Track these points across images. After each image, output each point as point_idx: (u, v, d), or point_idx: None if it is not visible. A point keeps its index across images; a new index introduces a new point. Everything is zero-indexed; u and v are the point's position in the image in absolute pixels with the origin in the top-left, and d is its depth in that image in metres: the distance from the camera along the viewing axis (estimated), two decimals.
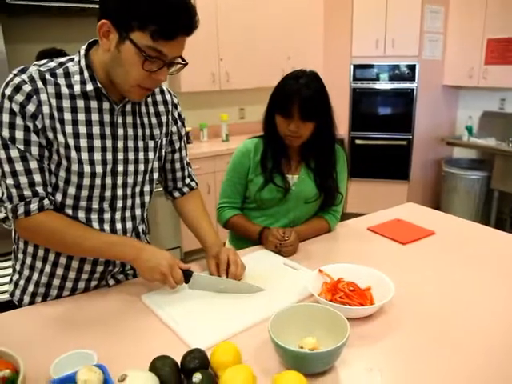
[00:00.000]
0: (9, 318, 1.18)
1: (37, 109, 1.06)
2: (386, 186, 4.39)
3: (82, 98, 1.11)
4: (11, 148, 1.06)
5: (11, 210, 1.10)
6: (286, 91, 1.49)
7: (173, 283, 1.18)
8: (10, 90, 1.04)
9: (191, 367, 0.89)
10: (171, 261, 1.18)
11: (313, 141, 1.58)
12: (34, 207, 1.10)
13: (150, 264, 1.16)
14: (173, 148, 1.38)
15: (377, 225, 1.77)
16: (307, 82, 1.48)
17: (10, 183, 1.08)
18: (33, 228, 1.13)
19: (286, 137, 1.55)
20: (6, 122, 1.05)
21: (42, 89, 1.07)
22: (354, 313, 1.11)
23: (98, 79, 1.11)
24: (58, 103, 1.09)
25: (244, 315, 1.14)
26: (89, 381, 0.82)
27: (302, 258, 1.48)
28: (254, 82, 3.94)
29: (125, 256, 1.20)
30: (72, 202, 1.17)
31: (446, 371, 0.94)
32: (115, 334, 1.09)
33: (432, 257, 1.52)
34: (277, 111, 1.53)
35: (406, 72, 4.13)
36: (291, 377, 0.84)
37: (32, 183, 1.09)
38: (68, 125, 1.10)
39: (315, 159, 1.65)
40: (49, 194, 1.13)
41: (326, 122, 1.57)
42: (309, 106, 1.46)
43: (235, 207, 1.71)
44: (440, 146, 4.54)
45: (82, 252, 1.20)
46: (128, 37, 1.01)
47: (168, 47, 1.03)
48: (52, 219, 1.13)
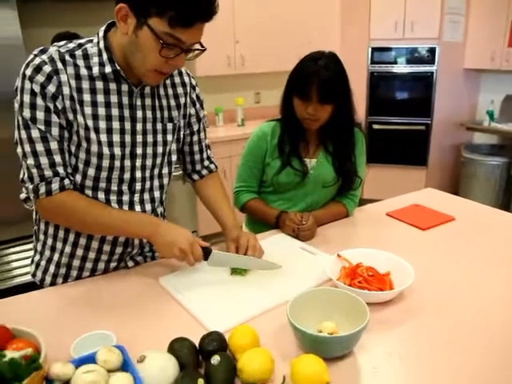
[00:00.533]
0: (30, 299, 1.19)
1: (57, 90, 1.06)
2: (404, 171, 4.33)
3: (100, 79, 1.11)
4: (32, 128, 1.07)
5: (32, 189, 1.11)
6: (304, 73, 1.46)
7: (192, 260, 1.17)
8: (30, 71, 1.04)
9: (209, 349, 0.89)
10: (190, 238, 1.18)
11: (331, 124, 1.56)
12: (55, 187, 1.10)
13: (168, 240, 1.16)
14: (191, 130, 1.37)
15: (395, 210, 1.75)
16: (326, 63, 1.45)
17: (31, 163, 1.09)
18: (54, 208, 1.14)
19: (304, 120, 1.52)
20: (26, 103, 1.05)
21: (61, 70, 1.06)
22: (373, 298, 1.09)
23: (116, 61, 1.10)
24: (78, 84, 1.09)
25: (262, 299, 1.14)
26: (108, 361, 0.82)
27: (320, 243, 1.47)
28: (270, 65, 3.89)
29: (143, 232, 1.19)
30: (91, 184, 1.17)
31: (466, 358, 0.93)
32: (133, 315, 1.09)
33: (452, 243, 1.49)
34: (294, 94, 1.50)
35: (426, 55, 4.03)
36: (310, 360, 0.84)
37: (53, 164, 1.10)
38: (87, 106, 1.10)
39: (334, 142, 1.62)
40: (69, 174, 1.13)
41: (345, 104, 1.54)
42: (327, 88, 1.43)
43: (252, 191, 1.70)
44: (459, 131, 4.45)
45: (101, 230, 1.21)
46: (146, 22, 0.99)
47: (186, 34, 1.01)
48: (73, 199, 1.14)
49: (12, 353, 0.76)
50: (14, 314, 1.09)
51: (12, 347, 0.81)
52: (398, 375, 0.89)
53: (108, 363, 0.82)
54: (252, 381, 0.83)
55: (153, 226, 1.18)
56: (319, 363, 0.83)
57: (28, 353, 0.77)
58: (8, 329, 0.86)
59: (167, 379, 0.81)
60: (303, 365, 0.83)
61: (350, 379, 0.88)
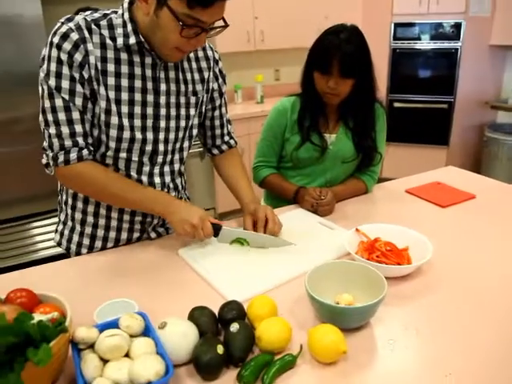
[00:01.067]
0: (56, 268, 1.23)
1: (83, 58, 1.07)
2: (424, 151, 4.26)
3: (124, 51, 1.11)
4: (56, 97, 1.08)
5: (52, 157, 1.13)
6: (325, 46, 1.44)
7: (201, 235, 1.20)
8: (57, 39, 1.05)
9: (228, 317, 0.91)
10: (202, 214, 1.20)
11: (352, 99, 1.54)
12: (74, 157, 1.13)
13: (181, 216, 1.18)
14: (213, 105, 1.37)
15: (415, 187, 1.73)
16: (348, 36, 1.42)
17: (53, 132, 1.11)
18: (71, 176, 1.17)
19: (325, 94, 1.50)
20: (53, 71, 1.07)
21: (88, 38, 1.07)
22: (390, 272, 1.10)
23: (140, 33, 1.10)
24: (103, 54, 1.09)
25: (280, 271, 1.15)
26: (131, 326, 0.85)
27: (338, 218, 1.47)
28: (290, 41, 3.83)
29: (157, 208, 1.22)
30: (112, 154, 1.19)
31: (482, 334, 0.93)
32: (155, 285, 1.12)
33: (472, 220, 1.48)
34: (315, 67, 1.48)
35: (451, 31, 3.91)
36: (328, 330, 0.85)
37: (73, 133, 1.11)
38: (111, 76, 1.11)
39: (354, 118, 1.60)
40: (89, 144, 1.15)
41: (367, 79, 1.51)
42: (349, 61, 1.41)
43: (271, 166, 1.70)
44: (483, 110, 4.34)
45: (116, 202, 1.24)
46: (166, 3, 0.99)
47: (206, 14, 1.01)
48: (90, 169, 1.16)
49: (40, 316, 0.79)
50: (39, 283, 1.12)
51: (39, 311, 0.84)
52: (413, 348, 0.89)
53: (130, 328, 0.84)
54: (270, 349, 0.85)
55: (168, 204, 1.20)
56: (336, 333, 0.84)
57: (55, 316, 0.80)
58: (35, 294, 0.89)
59: (187, 345, 0.84)
60: (320, 334, 0.84)
61: (366, 350, 0.89)
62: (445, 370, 0.83)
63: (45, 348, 0.72)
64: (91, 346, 0.82)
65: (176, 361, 0.83)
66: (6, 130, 2.69)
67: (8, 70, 2.60)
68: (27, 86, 2.62)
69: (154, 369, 0.74)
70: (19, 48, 2.61)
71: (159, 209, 1.21)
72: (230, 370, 0.83)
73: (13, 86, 2.63)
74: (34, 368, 0.70)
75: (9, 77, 2.61)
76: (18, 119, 2.69)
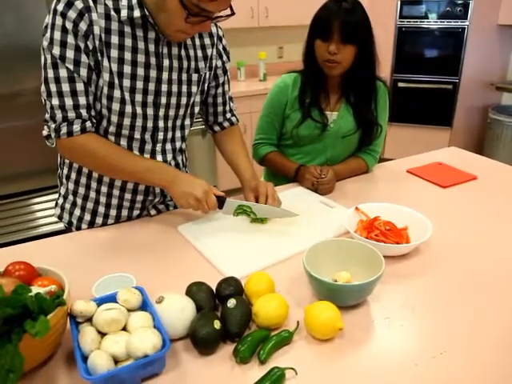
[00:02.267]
0: (56, 242, 1.24)
1: (88, 28, 1.04)
2: (427, 131, 4.22)
3: (128, 24, 1.09)
4: (60, 67, 1.05)
5: (54, 129, 1.11)
6: (326, 13, 1.43)
7: (206, 208, 1.18)
8: (62, 6, 1.02)
9: (226, 294, 0.92)
10: (206, 187, 1.18)
11: (353, 74, 1.52)
12: (77, 128, 1.11)
13: (184, 189, 1.16)
14: (216, 82, 1.35)
15: (417, 167, 1.72)
16: (350, 5, 1.41)
17: (56, 104, 1.08)
18: (74, 148, 1.15)
19: (325, 63, 1.47)
20: (57, 40, 1.04)
21: (92, 7, 1.04)
22: (389, 250, 1.10)
23: (145, 6, 1.07)
24: (107, 25, 1.07)
25: (278, 248, 1.16)
26: (128, 300, 0.85)
27: (338, 197, 1.47)
28: (294, 18, 3.75)
29: (161, 181, 1.20)
30: (115, 130, 1.18)
31: (479, 312, 0.94)
32: (153, 261, 1.12)
33: (472, 201, 1.47)
34: (316, 35, 1.47)
35: (458, 9, 3.82)
36: (324, 307, 0.85)
37: (77, 105, 1.09)
38: (114, 49, 1.08)
39: (355, 93, 1.58)
40: (92, 116, 1.13)
41: (367, 50, 1.49)
42: (350, 26, 1.40)
43: (271, 143, 1.69)
44: (488, 92, 4.27)
45: (119, 175, 1.22)
46: None
47: (213, 5, 0.99)
48: (93, 141, 1.14)
49: (38, 289, 0.79)
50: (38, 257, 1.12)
51: (37, 284, 0.84)
52: (409, 326, 0.90)
53: (128, 303, 0.85)
54: (266, 325, 0.86)
55: (171, 176, 1.18)
56: (333, 309, 0.85)
57: (52, 289, 0.80)
58: (34, 267, 0.89)
59: (185, 320, 0.84)
60: (317, 311, 0.85)
61: (363, 327, 0.89)
62: (440, 348, 0.83)
63: (42, 320, 0.72)
64: (89, 319, 0.83)
65: (173, 335, 0.83)
66: (6, 103, 2.66)
67: (8, 42, 2.56)
68: (27, 59, 2.58)
69: (150, 342, 0.74)
70: (19, 20, 2.56)
71: (161, 180, 1.19)
72: (227, 345, 0.84)
73: (12, 59, 2.59)
74: (32, 340, 0.70)
75: (8, 50, 2.57)
76: (18, 93, 2.66)
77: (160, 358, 0.76)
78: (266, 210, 1.27)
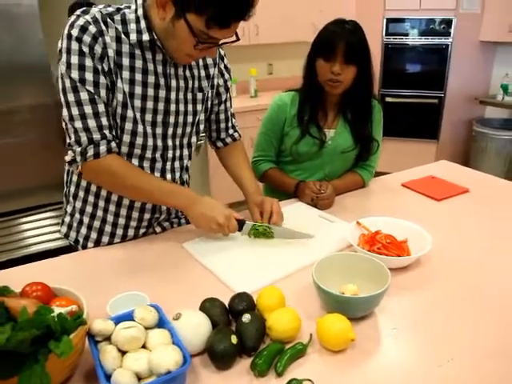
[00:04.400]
0: (64, 261, 1.25)
1: (103, 51, 1.07)
2: (415, 145, 4.32)
3: (137, 46, 1.12)
4: (81, 91, 1.08)
5: (80, 152, 1.12)
6: (330, 34, 1.49)
7: (227, 232, 1.23)
8: (76, 31, 1.05)
9: (239, 309, 0.94)
10: (227, 212, 1.22)
11: (352, 91, 1.57)
12: (103, 150, 1.13)
13: (206, 214, 1.20)
14: (219, 100, 1.40)
15: (411, 181, 1.77)
16: (352, 27, 1.48)
17: (79, 127, 1.10)
18: (99, 170, 1.16)
19: (327, 82, 1.52)
20: (75, 64, 1.06)
21: (105, 31, 1.07)
22: (392, 263, 1.13)
23: (153, 30, 1.11)
24: (118, 47, 1.10)
25: (284, 263, 1.19)
26: (145, 318, 0.87)
27: (338, 212, 1.51)
28: (284, 36, 3.85)
29: (181, 203, 1.23)
30: (127, 150, 1.20)
31: (480, 320, 0.98)
32: (163, 278, 1.14)
33: (466, 213, 1.52)
34: (319, 55, 1.51)
35: (442, 27, 3.96)
36: (336, 319, 0.88)
37: (100, 126, 1.11)
38: (126, 70, 1.12)
39: (352, 110, 1.64)
40: (114, 137, 1.16)
41: (367, 69, 1.55)
42: (353, 48, 1.46)
43: (270, 160, 1.73)
44: (472, 105, 4.40)
45: (140, 196, 1.24)
46: (184, 16, 1.00)
47: (221, 33, 1.04)
48: (118, 162, 1.17)
49: (58, 309, 0.81)
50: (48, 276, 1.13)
51: (55, 304, 0.86)
52: (416, 336, 0.93)
53: (145, 321, 0.87)
54: (281, 338, 0.88)
55: (191, 199, 1.22)
56: (345, 321, 0.88)
57: (73, 309, 0.82)
58: (50, 288, 0.91)
59: (201, 336, 0.86)
60: (329, 323, 0.88)
61: (372, 338, 0.92)
62: (447, 356, 0.87)
63: (66, 340, 0.74)
64: (107, 338, 0.84)
65: (191, 351, 0.85)
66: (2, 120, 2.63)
67: (3, 60, 2.57)
68: (23, 76, 2.60)
69: (172, 358, 0.76)
70: (15, 38, 2.57)
71: (181, 202, 1.23)
72: (243, 360, 0.86)
73: (8, 76, 2.59)
74: (56, 360, 0.72)
75: (4, 67, 2.58)
76: (14, 110, 2.65)
77: (182, 374, 0.78)
78: (284, 232, 1.31)
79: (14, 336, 0.67)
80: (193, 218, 1.23)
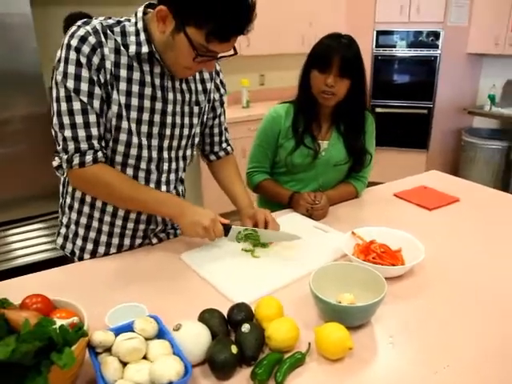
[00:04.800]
0: (61, 273, 1.25)
1: (100, 62, 1.09)
2: (405, 154, 4.38)
3: (135, 58, 1.14)
4: (74, 100, 1.09)
5: (66, 160, 1.14)
6: (326, 47, 1.52)
7: (213, 236, 1.24)
8: (76, 41, 1.07)
9: (238, 319, 0.95)
10: (213, 216, 1.23)
11: (345, 103, 1.60)
12: (89, 159, 1.14)
13: (193, 219, 1.21)
14: (214, 114, 1.42)
15: (403, 191, 1.80)
16: (348, 41, 1.52)
17: (68, 135, 1.12)
18: (85, 178, 1.18)
19: (321, 94, 1.55)
20: (71, 73, 1.08)
21: (104, 43, 1.09)
22: (387, 272, 1.15)
23: (153, 43, 1.13)
24: (117, 59, 1.12)
25: (282, 273, 1.20)
26: (145, 329, 0.87)
27: (332, 222, 1.53)
28: (275, 48, 3.89)
29: (170, 212, 1.25)
30: (121, 160, 1.22)
31: (474, 327, 1.00)
32: (160, 289, 1.15)
33: (458, 222, 1.55)
34: (314, 67, 1.54)
35: (430, 39, 4.05)
36: (334, 328, 0.90)
37: (89, 136, 1.13)
38: (123, 82, 1.14)
39: (345, 123, 1.67)
40: (103, 147, 1.17)
41: (360, 82, 1.58)
42: (348, 61, 1.49)
43: (265, 171, 1.75)
44: (461, 116, 4.48)
45: (129, 204, 1.26)
46: (184, 30, 1.03)
47: (221, 47, 1.06)
48: (104, 171, 1.18)
49: (59, 321, 0.81)
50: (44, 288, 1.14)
51: (56, 316, 0.86)
52: (412, 343, 0.95)
53: (145, 331, 0.87)
54: (280, 347, 0.89)
55: (180, 207, 1.23)
56: (343, 330, 0.89)
57: (75, 321, 0.82)
58: (50, 300, 0.91)
59: (202, 346, 0.87)
60: (328, 332, 0.89)
61: (369, 346, 0.94)
62: (442, 363, 0.89)
63: (68, 352, 0.74)
64: (107, 349, 0.85)
65: (191, 361, 0.85)
66: None
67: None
68: (16, 86, 2.60)
69: (174, 369, 0.77)
70: (8, 47, 2.57)
71: (170, 211, 1.24)
72: (243, 369, 0.87)
73: (1, 86, 2.60)
74: (58, 371, 0.72)
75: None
76: (5, 120, 2.64)
77: None
78: (270, 235, 1.33)
79: (18, 348, 0.67)
80: (182, 226, 1.24)
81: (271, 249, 1.33)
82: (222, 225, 1.26)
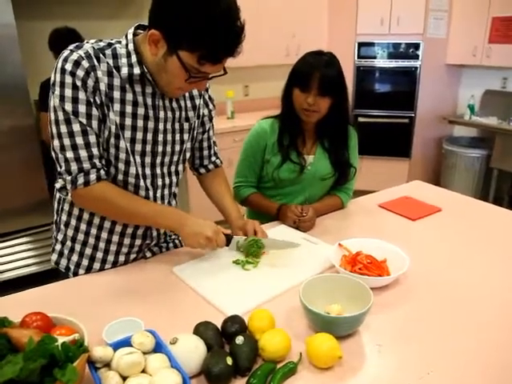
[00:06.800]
0: (56, 289, 1.27)
1: (95, 84, 1.12)
2: (388, 163, 4.47)
3: (127, 80, 1.17)
4: (73, 122, 1.12)
5: (70, 181, 1.16)
6: (307, 64, 1.56)
7: (215, 247, 1.30)
8: (70, 66, 1.09)
9: (232, 331, 0.99)
10: (215, 227, 1.29)
11: (328, 119, 1.64)
12: (93, 178, 1.17)
13: (195, 230, 1.26)
14: (203, 129, 1.46)
15: (387, 202, 1.86)
16: (329, 59, 1.56)
17: (70, 156, 1.14)
18: (91, 197, 1.21)
19: (302, 111, 1.59)
20: (68, 97, 1.11)
21: (97, 66, 1.13)
22: (373, 283, 1.20)
23: (144, 64, 1.16)
24: (110, 81, 1.15)
25: (271, 285, 1.24)
26: (143, 343, 0.90)
27: (319, 233, 1.58)
28: (258, 59, 3.94)
29: (172, 224, 1.29)
30: (122, 177, 1.25)
31: (457, 334, 1.06)
32: (155, 303, 1.18)
33: (440, 232, 1.62)
34: (296, 84, 1.58)
35: (410, 50, 4.16)
36: (324, 338, 0.94)
37: (91, 156, 1.16)
38: (117, 103, 1.17)
39: (329, 138, 1.72)
40: (104, 165, 1.20)
41: (341, 100, 1.62)
42: (328, 80, 1.53)
43: (252, 186, 1.79)
44: (441, 125, 4.60)
45: (134, 219, 1.29)
46: (176, 53, 1.06)
47: (213, 69, 1.11)
48: (108, 189, 1.21)
49: (61, 338, 0.84)
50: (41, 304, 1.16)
51: (56, 333, 0.89)
52: (398, 351, 1.00)
53: (143, 346, 0.91)
54: (273, 358, 0.94)
55: (181, 219, 1.28)
56: (332, 340, 0.94)
57: (76, 337, 0.85)
58: (49, 317, 0.94)
59: (197, 358, 0.91)
60: (318, 342, 0.94)
61: (358, 355, 0.99)
62: (427, 368, 0.94)
63: (70, 368, 0.77)
64: (106, 364, 0.88)
65: (188, 373, 0.89)
66: None
67: None
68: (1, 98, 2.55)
69: (173, 381, 0.80)
70: None
71: (171, 223, 1.29)
72: (237, 380, 0.91)
73: None
74: None
75: None
76: None
77: None
78: (274, 243, 1.41)
79: (25, 366, 0.70)
80: (184, 237, 1.29)
81: (262, 261, 1.37)
82: (224, 235, 1.31)
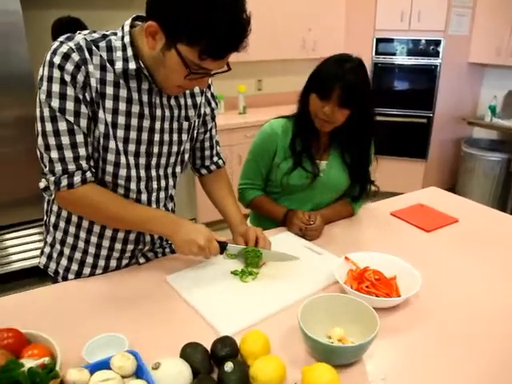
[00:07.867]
0: (42, 294, 1.20)
1: (85, 80, 1.04)
2: (403, 164, 4.34)
3: (122, 75, 1.08)
4: (59, 120, 1.04)
5: (54, 182, 1.09)
6: (327, 74, 1.42)
7: (209, 255, 1.20)
8: (59, 59, 1.01)
9: (222, 355, 0.90)
10: (208, 234, 1.19)
11: (347, 129, 1.52)
12: (77, 180, 1.09)
13: (188, 237, 1.16)
14: (205, 128, 1.37)
15: (400, 210, 1.76)
16: (352, 67, 1.40)
17: (55, 157, 1.07)
18: (74, 200, 1.13)
19: (317, 119, 1.48)
20: (56, 92, 1.02)
21: (88, 59, 1.04)
22: (380, 303, 1.11)
23: (141, 58, 1.07)
24: (102, 76, 1.06)
25: (270, 301, 1.15)
26: (123, 367, 0.83)
27: (326, 243, 1.48)
28: (273, 53, 3.84)
29: (164, 230, 1.20)
30: (111, 180, 1.17)
31: (473, 364, 0.95)
32: (144, 315, 1.10)
33: (456, 245, 1.50)
34: (314, 90, 1.46)
35: (431, 48, 4.01)
36: (323, 369, 0.85)
37: (77, 157, 1.08)
38: (109, 99, 1.08)
39: (350, 151, 1.60)
40: (91, 167, 1.12)
41: (364, 111, 1.49)
42: (349, 92, 1.38)
43: (257, 188, 1.69)
44: (460, 126, 4.44)
45: (122, 224, 1.21)
46: (175, 46, 0.97)
47: (214, 64, 1.01)
48: (93, 191, 1.13)
49: (29, 361, 0.77)
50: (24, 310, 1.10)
51: (28, 354, 0.81)
52: (405, 382, 0.91)
53: (123, 369, 0.83)
54: None
55: (173, 225, 1.19)
56: (331, 373, 0.84)
57: (45, 361, 0.78)
58: (22, 334, 0.87)
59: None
60: (316, 374, 0.84)
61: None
62: None
63: None
64: None
65: None
66: None
67: None
68: (5, 88, 2.53)
69: None
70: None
71: (162, 229, 1.20)
72: None
73: None
74: None
75: None
76: None
77: None
78: (272, 254, 1.30)
79: None
80: (176, 244, 1.19)
81: (261, 272, 1.28)
82: (218, 242, 1.22)
